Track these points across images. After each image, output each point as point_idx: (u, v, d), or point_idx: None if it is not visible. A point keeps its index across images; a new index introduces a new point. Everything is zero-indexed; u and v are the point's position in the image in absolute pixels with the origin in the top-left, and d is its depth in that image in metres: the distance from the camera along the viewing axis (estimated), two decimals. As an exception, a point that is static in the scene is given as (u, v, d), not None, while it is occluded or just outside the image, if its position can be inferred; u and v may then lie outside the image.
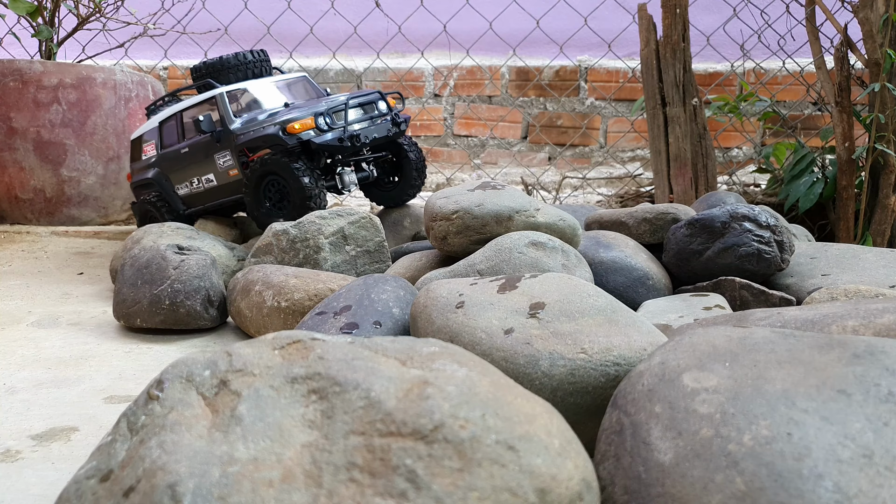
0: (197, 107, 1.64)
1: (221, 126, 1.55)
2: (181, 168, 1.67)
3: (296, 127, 1.43)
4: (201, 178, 1.64)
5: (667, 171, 1.95)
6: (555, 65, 3.07)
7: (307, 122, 1.44)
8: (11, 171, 2.11)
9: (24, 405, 0.86)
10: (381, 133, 1.52)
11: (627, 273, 1.11)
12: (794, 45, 2.52)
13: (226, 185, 1.60)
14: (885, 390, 0.45)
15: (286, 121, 1.45)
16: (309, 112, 1.46)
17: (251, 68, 1.67)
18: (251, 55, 1.68)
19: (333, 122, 1.47)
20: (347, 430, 0.43)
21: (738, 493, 0.40)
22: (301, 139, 1.43)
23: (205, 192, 1.65)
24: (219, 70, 1.65)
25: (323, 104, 1.49)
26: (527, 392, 0.48)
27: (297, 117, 1.45)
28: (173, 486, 0.41)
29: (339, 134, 1.45)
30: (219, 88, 1.59)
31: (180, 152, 1.66)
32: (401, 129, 1.57)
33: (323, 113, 1.45)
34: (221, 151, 1.57)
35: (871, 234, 1.68)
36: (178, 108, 1.68)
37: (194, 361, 0.51)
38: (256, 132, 1.49)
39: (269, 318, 1.07)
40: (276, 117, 1.50)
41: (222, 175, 1.59)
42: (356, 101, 1.52)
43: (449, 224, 1.09)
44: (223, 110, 1.56)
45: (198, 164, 1.63)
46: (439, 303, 0.76)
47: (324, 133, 1.44)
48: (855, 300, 0.77)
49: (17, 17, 2.24)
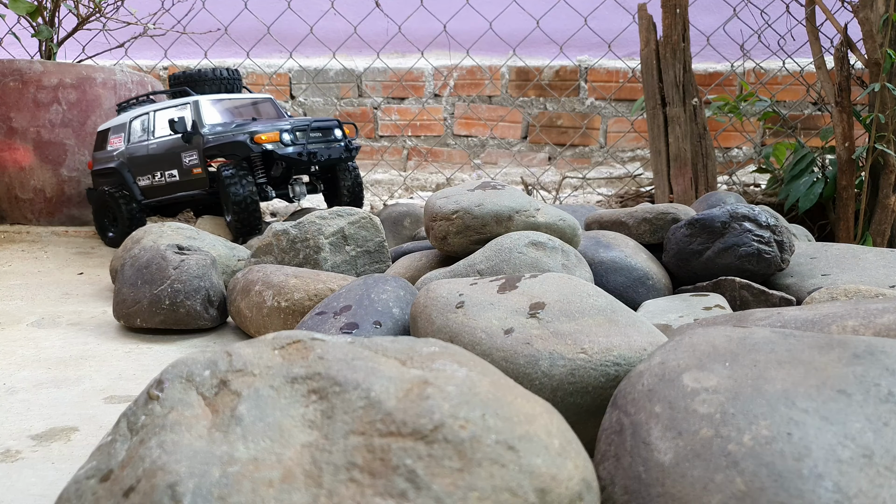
0: (171, 109, 1.84)
1: (193, 129, 1.76)
2: (146, 162, 1.88)
3: (262, 138, 1.67)
4: (164, 172, 1.85)
5: (667, 171, 1.95)
6: (555, 65, 3.07)
7: (273, 136, 1.68)
8: (11, 171, 2.11)
9: (24, 405, 0.86)
10: (334, 155, 1.78)
11: (627, 273, 1.11)
12: (794, 45, 2.52)
13: (187, 182, 1.81)
14: (885, 390, 0.45)
15: (255, 132, 1.69)
16: (275, 127, 1.71)
17: (224, 84, 1.93)
18: (226, 72, 1.94)
19: (296, 138, 1.71)
20: (347, 430, 0.43)
21: (738, 493, 0.40)
22: (265, 149, 1.67)
23: (165, 186, 1.86)
24: (196, 81, 1.91)
25: (288, 123, 1.74)
26: (527, 392, 0.48)
27: (264, 130, 1.70)
28: (173, 486, 0.41)
29: (300, 149, 1.70)
30: (195, 97, 1.82)
31: (148, 147, 1.87)
32: (351, 154, 1.82)
33: (288, 129, 1.70)
34: (189, 151, 1.78)
35: (871, 234, 1.68)
36: (152, 108, 1.89)
37: (194, 361, 0.51)
38: (226, 138, 1.72)
39: (269, 318, 1.07)
40: (244, 128, 1.73)
41: (186, 172, 1.80)
42: (318, 125, 1.77)
43: (449, 224, 1.09)
44: (196, 116, 1.78)
45: (163, 161, 1.84)
46: (439, 303, 0.76)
47: (286, 147, 1.69)
48: (855, 300, 0.77)
49: (17, 17, 2.24)
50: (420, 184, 3.01)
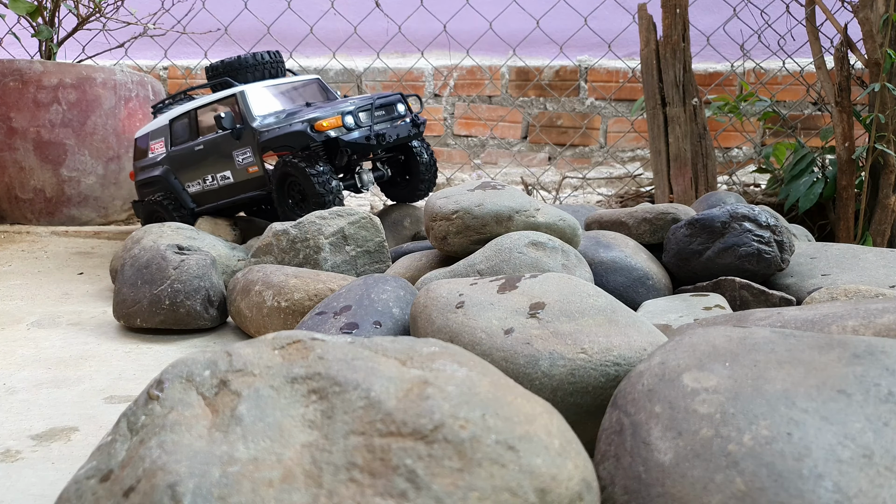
0: (213, 105, 1.64)
1: (242, 123, 1.56)
2: (194, 165, 1.68)
3: (323, 125, 1.46)
4: (216, 175, 1.65)
5: (667, 171, 1.95)
6: (555, 65, 3.07)
7: (335, 121, 1.47)
8: (11, 171, 2.11)
9: (24, 405, 0.86)
10: (402, 133, 1.56)
11: (627, 273, 1.11)
12: (794, 45, 2.52)
13: (243, 182, 1.61)
14: (885, 390, 0.45)
15: (313, 118, 1.47)
16: (336, 111, 1.49)
17: (267, 69, 1.69)
18: (268, 55, 1.70)
19: (359, 121, 1.50)
20: (347, 430, 0.43)
21: (738, 493, 0.40)
22: (329, 136, 1.46)
23: (219, 190, 1.66)
24: (236, 69, 1.67)
25: (349, 103, 1.52)
26: (527, 392, 0.48)
27: (323, 115, 1.48)
28: (173, 486, 0.41)
29: (366, 133, 1.49)
30: (239, 87, 1.60)
31: (194, 150, 1.67)
32: (419, 130, 1.61)
33: (350, 112, 1.48)
34: (241, 148, 1.58)
35: (871, 234, 1.68)
36: (191, 106, 1.69)
37: (194, 361, 0.51)
38: (282, 129, 1.50)
39: (269, 318, 1.07)
40: (300, 115, 1.52)
41: (240, 172, 1.60)
42: (381, 102, 1.55)
43: (449, 224, 1.09)
44: (244, 107, 1.56)
45: (213, 162, 1.64)
46: (439, 303, 0.76)
47: (350, 132, 1.48)
48: (855, 300, 0.77)
49: (17, 17, 2.24)
50: (420, 184, 3.01)
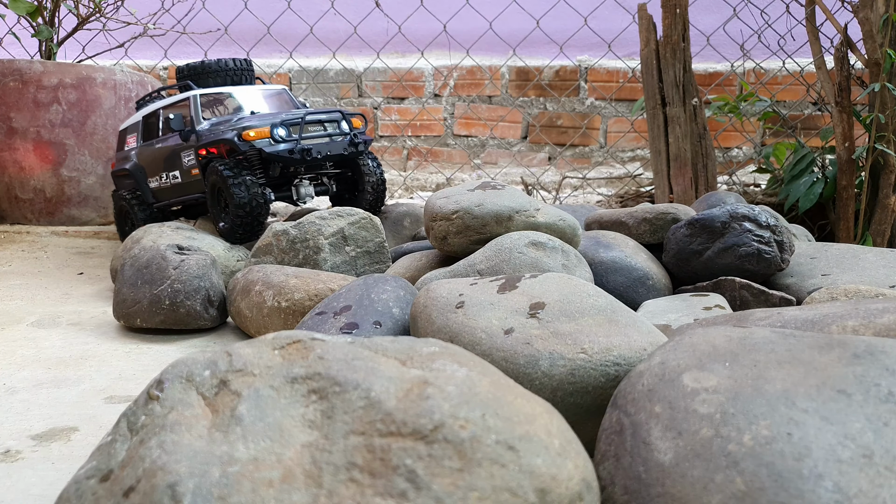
0: (174, 106, 1.68)
1: (190, 126, 1.59)
2: (155, 162, 1.72)
3: (251, 134, 1.46)
4: (169, 174, 1.68)
5: (667, 171, 1.95)
6: (555, 65, 3.07)
7: (263, 131, 1.46)
8: (11, 171, 2.11)
9: (24, 405, 0.86)
10: (335, 151, 1.54)
11: (627, 273, 1.11)
12: (794, 45, 2.52)
13: (188, 184, 1.64)
14: (885, 390, 0.45)
15: (243, 127, 1.48)
16: (266, 122, 1.49)
17: (230, 75, 1.72)
18: (233, 63, 1.72)
19: (289, 134, 1.49)
20: (347, 430, 0.43)
21: (738, 493, 0.40)
22: (254, 147, 1.46)
23: (171, 188, 1.70)
24: (199, 73, 1.70)
25: (280, 116, 1.53)
26: (527, 392, 0.48)
27: (253, 125, 1.48)
28: (173, 486, 0.41)
29: (291, 146, 1.48)
30: (195, 91, 1.63)
31: (155, 147, 1.72)
32: (358, 149, 1.59)
33: (279, 124, 1.48)
34: (187, 150, 1.61)
35: (871, 234, 1.68)
36: (160, 105, 1.73)
37: (194, 361, 0.51)
38: (215, 135, 1.52)
39: (269, 318, 1.07)
40: (238, 123, 1.52)
41: (186, 173, 1.63)
42: (314, 117, 1.55)
43: (449, 224, 1.09)
44: (193, 111, 1.60)
45: (167, 161, 1.68)
46: (439, 303, 0.76)
47: (277, 144, 1.47)
48: (855, 300, 0.77)
49: (17, 17, 2.24)
50: (420, 184, 3.01)
